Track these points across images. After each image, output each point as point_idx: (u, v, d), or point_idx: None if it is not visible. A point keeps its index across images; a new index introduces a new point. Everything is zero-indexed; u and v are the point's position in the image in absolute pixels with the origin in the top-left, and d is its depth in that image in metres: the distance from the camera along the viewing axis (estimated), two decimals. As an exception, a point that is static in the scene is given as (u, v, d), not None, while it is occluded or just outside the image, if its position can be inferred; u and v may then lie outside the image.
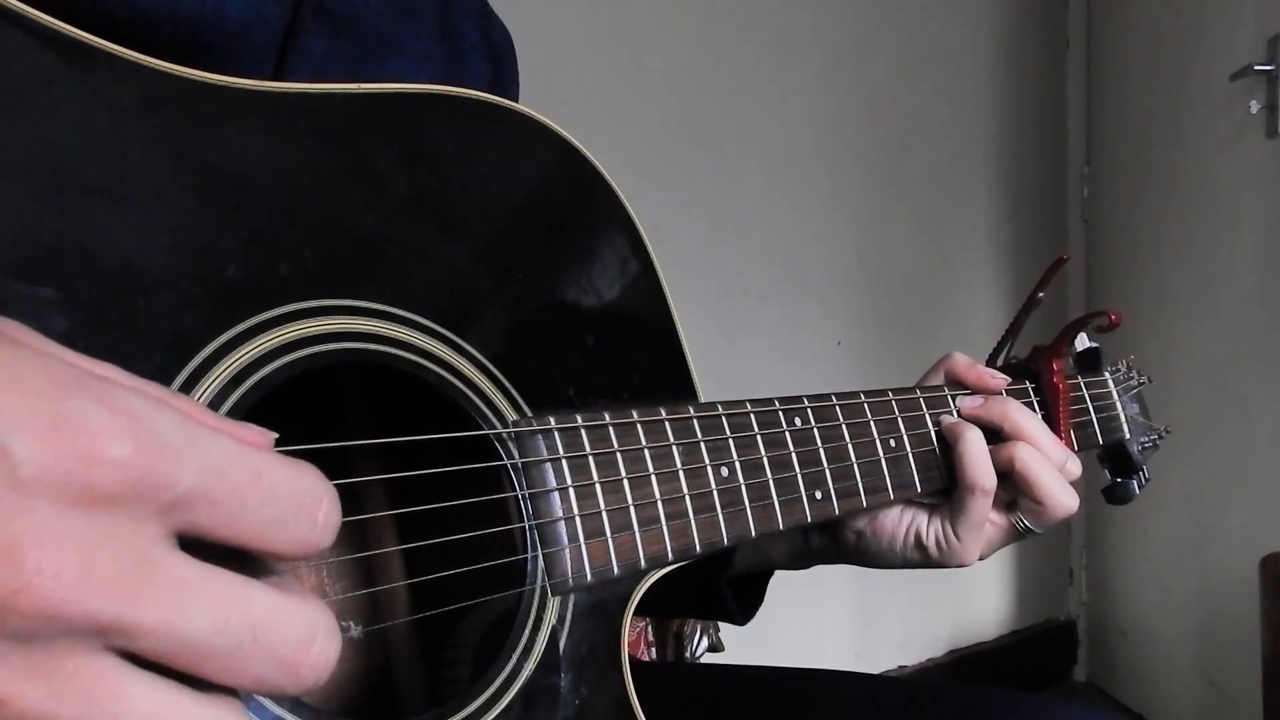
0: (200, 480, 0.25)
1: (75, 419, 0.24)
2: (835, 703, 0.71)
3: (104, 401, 0.24)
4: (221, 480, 0.26)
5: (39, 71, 0.34)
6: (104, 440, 0.24)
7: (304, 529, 0.28)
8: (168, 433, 0.25)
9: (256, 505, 0.27)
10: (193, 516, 0.26)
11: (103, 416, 0.24)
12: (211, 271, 0.38)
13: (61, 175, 0.34)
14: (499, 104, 0.49)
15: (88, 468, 0.24)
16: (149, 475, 0.24)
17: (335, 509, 0.28)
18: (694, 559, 0.52)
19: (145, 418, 0.25)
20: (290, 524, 0.27)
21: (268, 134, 0.41)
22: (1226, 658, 1.99)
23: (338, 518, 0.29)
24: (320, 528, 0.28)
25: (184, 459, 0.25)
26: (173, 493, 0.25)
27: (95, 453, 0.24)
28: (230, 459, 0.26)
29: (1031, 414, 0.68)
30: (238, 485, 0.26)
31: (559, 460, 0.47)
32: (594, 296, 0.52)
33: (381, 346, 0.43)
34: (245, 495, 0.26)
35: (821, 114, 2.12)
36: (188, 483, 0.25)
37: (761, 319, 2.06)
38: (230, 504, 0.26)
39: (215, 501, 0.26)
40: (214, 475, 0.26)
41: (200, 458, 0.26)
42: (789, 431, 0.58)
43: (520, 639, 0.45)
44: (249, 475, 0.27)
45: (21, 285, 0.33)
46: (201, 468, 0.25)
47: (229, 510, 0.26)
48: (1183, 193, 2.08)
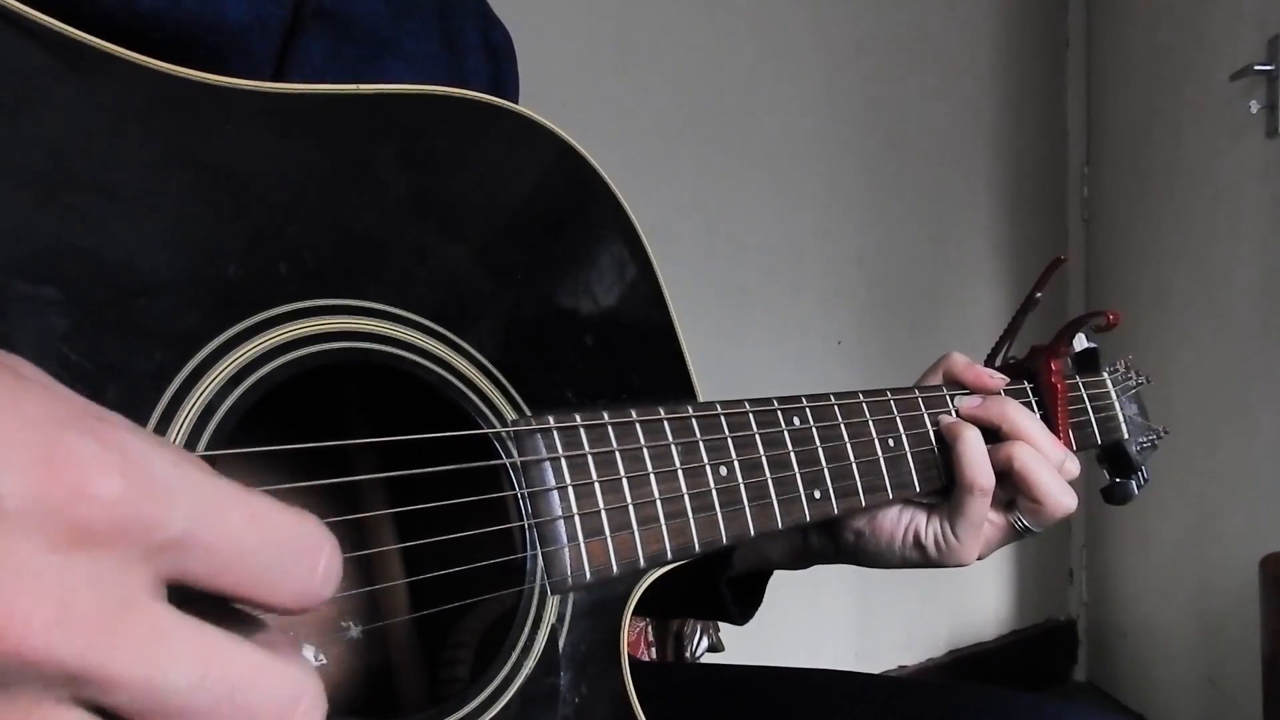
0: (193, 524, 0.24)
1: (66, 453, 0.23)
2: (835, 703, 0.71)
3: (98, 437, 0.23)
4: (216, 524, 0.25)
5: (40, 72, 0.34)
6: (94, 476, 0.23)
7: (303, 577, 0.26)
8: (162, 472, 0.24)
9: (253, 550, 0.25)
10: (183, 562, 0.24)
11: (95, 452, 0.23)
12: (211, 271, 0.38)
13: (62, 175, 0.34)
14: (498, 105, 0.49)
15: (74, 504, 0.22)
16: (138, 515, 0.23)
17: (337, 557, 0.27)
18: (693, 558, 0.52)
19: (139, 456, 0.24)
20: (289, 572, 0.26)
21: (268, 134, 0.41)
22: (1226, 658, 1.99)
23: (339, 567, 0.27)
24: (321, 576, 0.26)
25: (177, 500, 0.24)
26: (163, 535, 0.24)
27: (83, 489, 0.23)
28: (227, 501, 0.25)
29: (1030, 414, 0.69)
30: (233, 529, 0.25)
31: (558, 459, 0.47)
32: (593, 297, 0.53)
33: (381, 346, 0.43)
34: (242, 540, 0.25)
35: (821, 114, 2.13)
36: (179, 525, 0.24)
37: (761, 319, 2.06)
38: (225, 549, 0.25)
39: (208, 546, 0.25)
40: (208, 519, 0.25)
41: (195, 500, 0.24)
42: (787, 431, 0.58)
43: (520, 638, 0.46)
44: (246, 518, 0.25)
45: (23, 285, 0.33)
46: (195, 511, 0.24)
47: (223, 556, 0.25)
48: (1183, 193, 2.08)
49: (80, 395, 0.26)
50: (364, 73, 0.58)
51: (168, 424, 0.36)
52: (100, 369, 0.34)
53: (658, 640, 1.36)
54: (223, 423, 0.37)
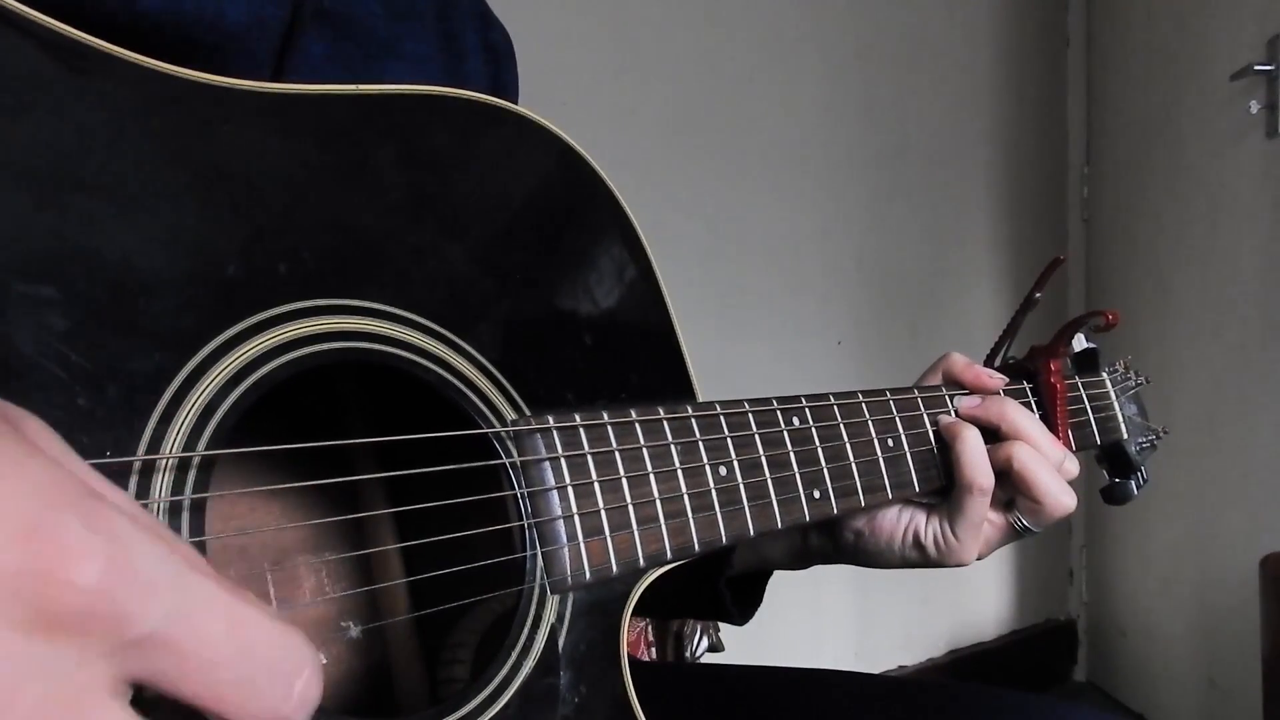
0: (168, 623, 0.23)
1: (50, 531, 0.22)
2: (835, 703, 0.71)
3: (86, 518, 0.22)
4: (192, 626, 0.23)
5: (40, 73, 0.34)
6: (72, 560, 0.22)
7: (276, 699, 0.25)
8: (145, 564, 0.23)
9: (227, 661, 0.24)
10: (152, 664, 0.23)
11: (79, 534, 0.22)
12: (211, 271, 0.38)
13: (62, 175, 0.35)
14: (497, 105, 0.49)
15: (47, 586, 0.21)
16: (107, 609, 0.22)
17: (316, 684, 0.25)
18: (692, 558, 0.52)
19: (125, 542, 0.23)
20: (261, 689, 0.24)
21: (267, 134, 0.41)
22: (1226, 658, 1.99)
23: (317, 694, 0.26)
24: (296, 700, 0.25)
25: (155, 596, 0.23)
26: (131, 632, 0.22)
27: (59, 571, 0.21)
28: (209, 605, 0.24)
29: (1029, 413, 0.69)
30: (209, 636, 0.24)
31: (558, 459, 0.47)
32: (592, 297, 0.53)
33: (380, 346, 0.43)
34: (217, 647, 0.24)
35: (821, 114, 2.13)
36: (152, 623, 0.23)
37: (761, 319, 2.06)
38: (197, 656, 0.23)
39: (180, 649, 0.23)
40: (185, 619, 0.23)
41: (175, 598, 0.23)
42: (787, 431, 0.58)
43: (519, 637, 0.46)
44: (225, 625, 0.24)
45: (22, 284, 0.33)
46: (173, 610, 0.23)
47: (194, 662, 0.23)
48: (1183, 193, 2.08)
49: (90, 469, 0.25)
50: (363, 73, 0.58)
51: (167, 424, 0.36)
52: (100, 369, 0.34)
53: (658, 640, 1.36)
54: (222, 422, 0.37)
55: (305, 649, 0.26)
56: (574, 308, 0.52)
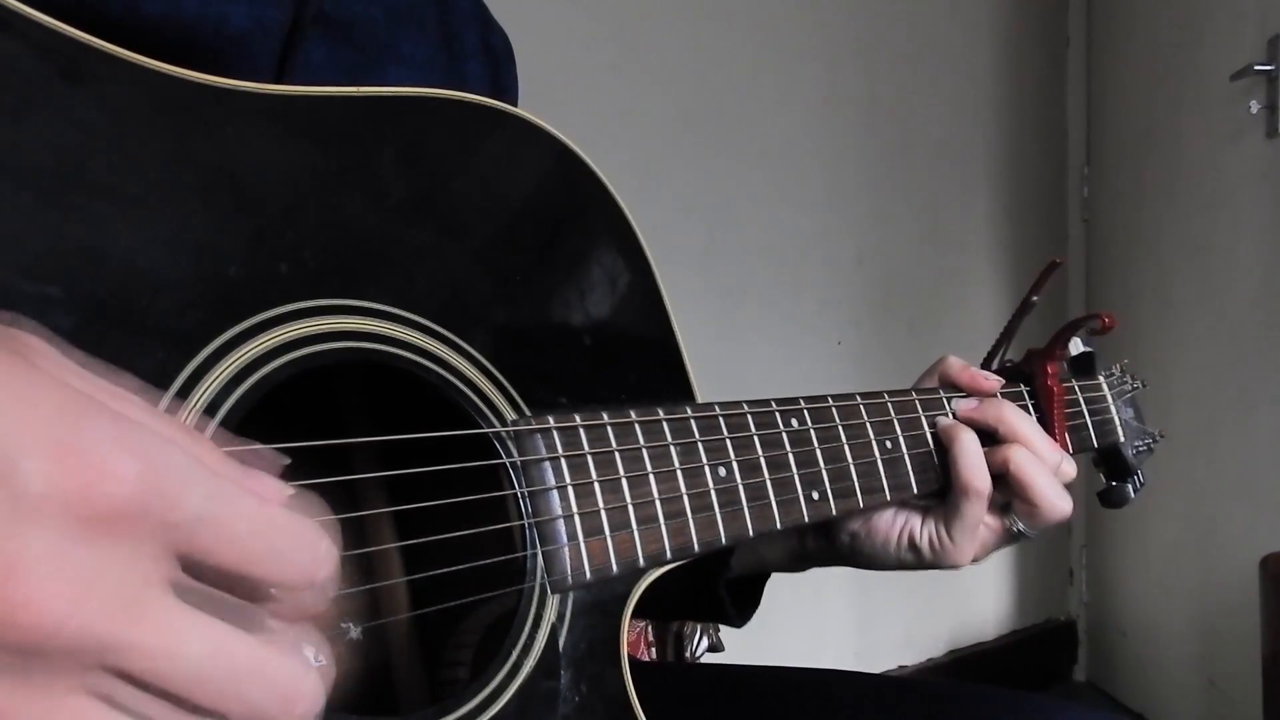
0: (206, 507, 0.26)
1: (84, 443, 0.24)
2: (835, 703, 0.72)
3: (113, 431, 0.25)
4: (228, 506, 0.27)
5: (44, 74, 0.35)
6: (111, 464, 0.24)
7: (307, 559, 0.28)
8: (174, 461, 0.25)
9: (260, 531, 0.27)
10: (198, 542, 0.26)
11: (111, 441, 0.24)
12: (213, 271, 0.38)
13: (66, 176, 0.35)
14: (497, 107, 0.50)
15: (92, 491, 0.24)
16: (151, 503, 0.25)
17: (335, 543, 0.29)
18: (692, 558, 0.52)
19: (152, 450, 0.25)
20: (295, 554, 0.28)
21: (270, 136, 0.41)
22: (1226, 658, 1.99)
23: (338, 552, 0.29)
24: (322, 558, 0.29)
25: (189, 487, 0.26)
26: (176, 518, 0.25)
27: (101, 476, 0.24)
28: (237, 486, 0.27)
29: (1026, 416, 0.69)
30: (245, 512, 0.27)
31: (558, 459, 0.47)
32: (592, 298, 0.53)
33: (381, 346, 0.44)
34: (251, 521, 0.27)
35: (821, 114, 2.13)
36: (192, 510, 0.26)
37: (761, 319, 2.06)
38: (235, 529, 0.27)
39: (221, 527, 0.26)
40: (220, 502, 0.26)
41: (206, 486, 0.26)
42: (786, 432, 0.58)
43: (520, 637, 0.46)
44: (255, 503, 0.27)
45: (27, 284, 0.33)
46: (206, 496, 0.26)
47: (232, 535, 0.27)
48: (1183, 193, 2.08)
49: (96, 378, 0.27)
50: (363, 77, 0.59)
51: (170, 424, 0.36)
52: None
53: (658, 640, 1.36)
54: (225, 422, 0.37)
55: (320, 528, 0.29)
56: (573, 309, 0.52)
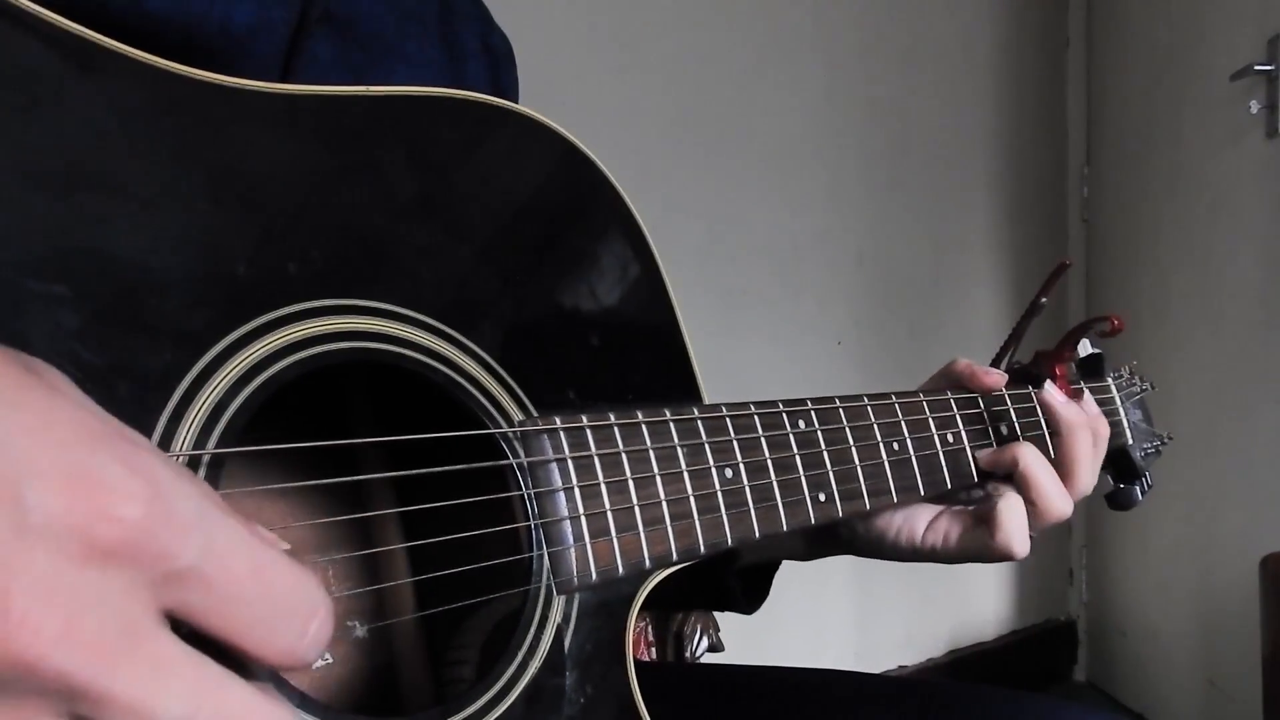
0: (201, 560, 0.25)
1: (94, 474, 0.24)
2: (835, 702, 0.72)
3: (126, 461, 0.24)
4: (222, 566, 0.26)
5: (52, 72, 0.35)
6: (117, 498, 0.24)
7: (292, 637, 0.27)
8: (181, 505, 0.25)
9: (250, 600, 0.26)
10: (186, 596, 0.25)
11: (121, 475, 0.24)
12: (221, 270, 0.38)
13: (74, 174, 0.35)
14: (503, 106, 0.49)
15: (94, 523, 0.23)
16: (152, 542, 0.24)
17: (328, 625, 0.28)
18: (698, 559, 0.52)
19: (163, 485, 0.25)
20: (279, 628, 0.27)
21: (277, 135, 0.41)
22: (1226, 658, 1.99)
23: (329, 635, 0.28)
24: (309, 640, 0.27)
25: (190, 534, 0.25)
26: (171, 566, 0.25)
27: (105, 509, 0.23)
28: (236, 547, 0.26)
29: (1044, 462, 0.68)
30: (236, 575, 0.26)
31: (564, 460, 0.47)
32: (599, 298, 0.53)
33: (388, 346, 0.43)
34: (242, 587, 0.26)
35: (821, 114, 2.13)
36: (188, 559, 0.25)
37: (761, 319, 2.06)
38: (225, 592, 0.26)
39: (211, 586, 0.25)
40: (215, 559, 0.25)
41: (206, 538, 0.25)
42: (793, 434, 0.58)
43: (525, 638, 0.46)
44: (250, 567, 0.26)
45: (34, 282, 0.33)
46: (205, 548, 0.25)
47: (222, 599, 0.26)
48: (1183, 193, 2.08)
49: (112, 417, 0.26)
50: (368, 76, 0.59)
51: (177, 422, 0.36)
52: (111, 367, 0.34)
53: (658, 640, 1.36)
54: (232, 422, 0.37)
55: (320, 593, 0.28)
56: (580, 308, 0.52)
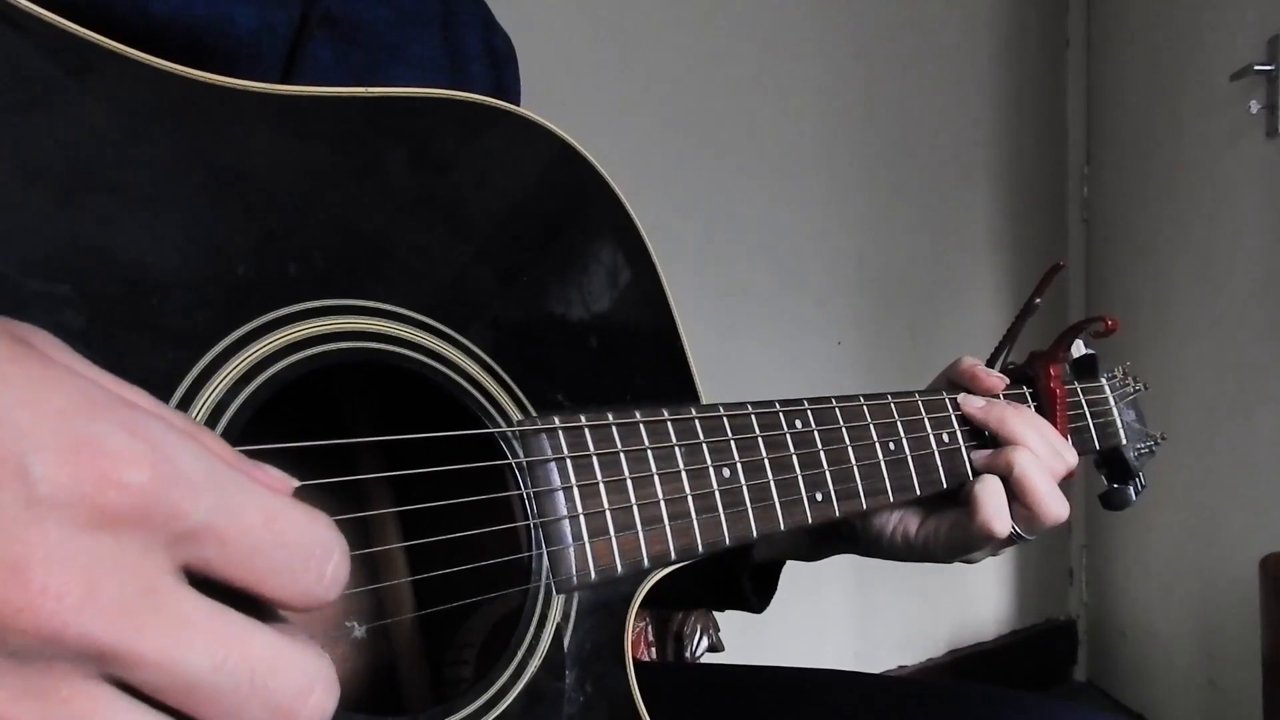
0: (213, 516, 0.25)
1: (96, 442, 0.24)
2: (835, 703, 0.72)
3: (127, 427, 0.24)
4: (234, 519, 0.26)
5: (53, 73, 0.35)
6: (122, 465, 0.24)
7: (310, 580, 0.27)
8: (186, 464, 0.25)
9: (266, 549, 0.26)
10: (201, 552, 0.25)
11: (124, 441, 0.24)
12: (222, 270, 0.38)
13: (76, 175, 0.35)
14: (503, 108, 0.50)
15: (102, 490, 0.23)
16: (162, 503, 0.24)
17: (345, 563, 0.28)
18: (697, 559, 0.52)
19: (166, 447, 0.25)
20: (297, 573, 0.27)
21: (278, 136, 0.41)
22: (1226, 658, 1.99)
23: (346, 573, 0.28)
24: (328, 581, 0.27)
25: (199, 492, 0.25)
26: (184, 524, 0.25)
27: (112, 476, 0.24)
28: (246, 499, 0.26)
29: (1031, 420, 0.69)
30: (250, 526, 0.26)
31: (563, 460, 0.47)
32: (597, 298, 0.53)
33: (388, 346, 0.44)
34: (256, 537, 0.26)
35: (821, 114, 2.13)
36: (200, 516, 0.25)
37: (761, 319, 2.06)
38: (240, 544, 0.26)
39: (225, 540, 0.25)
40: (227, 513, 0.26)
41: (216, 493, 0.25)
42: (790, 433, 0.58)
43: (525, 637, 0.46)
44: (262, 517, 0.26)
45: (37, 282, 0.33)
46: (215, 504, 0.25)
47: (237, 551, 0.26)
48: (1183, 193, 2.08)
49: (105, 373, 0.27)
50: (370, 78, 0.59)
51: (178, 424, 0.36)
52: (112, 367, 0.34)
53: (658, 640, 1.36)
54: (233, 421, 0.38)
55: (332, 535, 0.28)
56: (579, 309, 0.52)
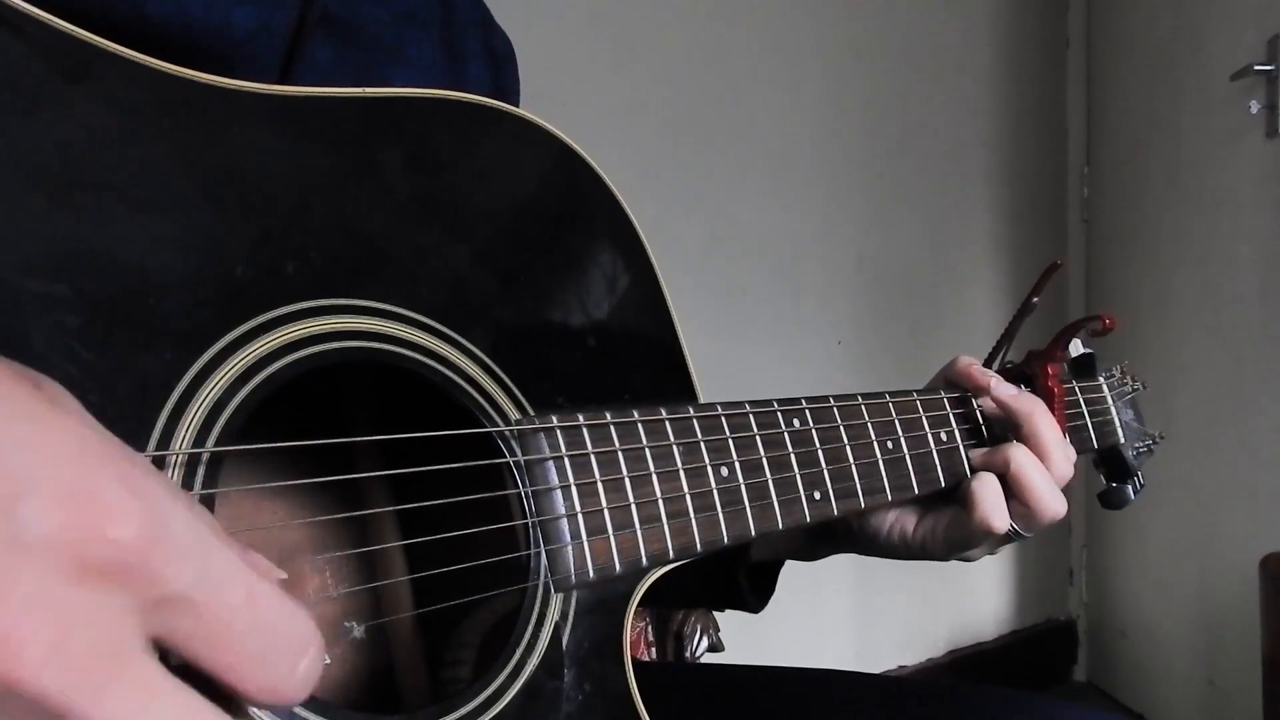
0: (194, 587, 0.25)
1: (92, 492, 0.23)
2: (835, 702, 0.72)
3: (126, 482, 0.24)
4: (215, 593, 0.25)
5: (52, 74, 0.35)
6: (114, 518, 0.23)
7: (281, 672, 0.26)
8: (178, 529, 0.24)
9: (241, 631, 0.25)
10: (176, 622, 0.25)
11: (120, 496, 0.24)
12: (220, 270, 0.39)
13: (73, 176, 0.35)
14: (500, 108, 0.50)
15: (90, 542, 0.23)
16: (146, 564, 0.24)
17: (318, 663, 0.27)
18: (695, 557, 0.52)
19: (161, 509, 0.24)
20: (269, 663, 0.26)
21: (276, 136, 0.41)
22: (1226, 658, 1.99)
23: (318, 674, 0.27)
24: (298, 679, 0.27)
25: (185, 559, 0.24)
26: (164, 590, 0.24)
27: (101, 528, 0.23)
28: (231, 575, 0.25)
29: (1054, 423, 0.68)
30: (229, 604, 0.25)
31: (561, 458, 0.48)
32: (595, 298, 0.53)
33: (386, 345, 0.44)
34: (234, 616, 0.25)
35: (821, 114, 2.13)
36: (182, 584, 0.24)
37: (761, 319, 2.06)
38: (216, 621, 0.25)
39: (201, 615, 0.25)
40: (209, 586, 0.25)
41: (201, 564, 0.25)
42: (788, 432, 0.58)
43: (523, 636, 0.46)
44: (244, 596, 0.25)
45: (35, 283, 0.33)
46: (199, 575, 0.25)
47: (212, 627, 0.25)
48: (1183, 193, 2.08)
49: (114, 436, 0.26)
50: (368, 79, 0.59)
51: (177, 421, 0.36)
52: (111, 366, 0.35)
53: (658, 640, 1.36)
54: (231, 420, 0.38)
55: (312, 630, 0.27)
56: (577, 308, 0.52)
